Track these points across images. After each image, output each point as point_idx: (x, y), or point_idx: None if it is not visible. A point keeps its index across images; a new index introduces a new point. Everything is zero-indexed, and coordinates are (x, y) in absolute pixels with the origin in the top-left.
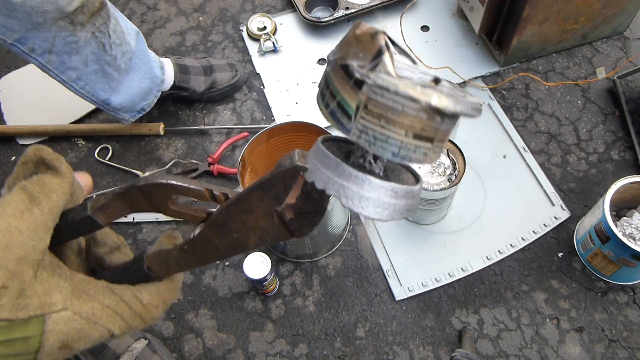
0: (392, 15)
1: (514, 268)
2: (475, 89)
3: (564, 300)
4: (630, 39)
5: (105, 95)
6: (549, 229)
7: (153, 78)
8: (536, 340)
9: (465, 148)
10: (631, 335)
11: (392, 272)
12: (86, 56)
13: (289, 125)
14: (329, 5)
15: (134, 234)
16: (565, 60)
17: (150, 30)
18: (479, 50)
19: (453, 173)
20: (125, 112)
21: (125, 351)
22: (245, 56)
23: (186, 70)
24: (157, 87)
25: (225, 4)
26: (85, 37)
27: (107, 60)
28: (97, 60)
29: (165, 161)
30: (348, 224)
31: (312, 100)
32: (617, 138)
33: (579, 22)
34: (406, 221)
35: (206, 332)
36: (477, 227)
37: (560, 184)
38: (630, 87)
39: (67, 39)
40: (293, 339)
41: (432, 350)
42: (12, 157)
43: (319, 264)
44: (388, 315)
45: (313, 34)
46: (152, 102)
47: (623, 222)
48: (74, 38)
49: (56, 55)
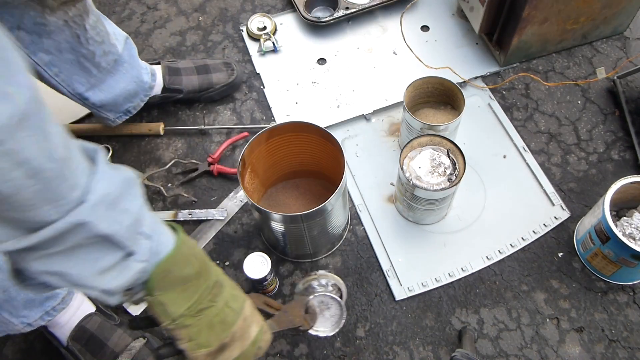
0: (392, 15)
1: (514, 268)
2: (475, 89)
3: (564, 300)
4: (630, 39)
5: (82, 88)
6: (549, 229)
7: (141, 83)
8: (536, 340)
9: (465, 148)
10: (631, 335)
11: (392, 272)
12: (59, 43)
13: (289, 125)
14: (329, 5)
15: None
16: (565, 60)
17: (150, 30)
18: (479, 50)
19: (453, 173)
20: (109, 111)
21: (124, 350)
22: (245, 56)
23: (177, 72)
24: (144, 92)
25: (225, 4)
26: (56, 22)
27: (84, 53)
28: (73, 51)
29: (165, 161)
30: (348, 224)
31: (312, 100)
32: (617, 138)
33: (579, 22)
34: (406, 221)
35: None
36: (477, 227)
37: (560, 184)
38: (630, 87)
39: (36, 19)
40: (293, 339)
41: (432, 350)
42: None
43: (319, 264)
44: (388, 315)
45: (313, 34)
46: (138, 105)
47: (623, 222)
48: (42, 20)
49: (25, 33)
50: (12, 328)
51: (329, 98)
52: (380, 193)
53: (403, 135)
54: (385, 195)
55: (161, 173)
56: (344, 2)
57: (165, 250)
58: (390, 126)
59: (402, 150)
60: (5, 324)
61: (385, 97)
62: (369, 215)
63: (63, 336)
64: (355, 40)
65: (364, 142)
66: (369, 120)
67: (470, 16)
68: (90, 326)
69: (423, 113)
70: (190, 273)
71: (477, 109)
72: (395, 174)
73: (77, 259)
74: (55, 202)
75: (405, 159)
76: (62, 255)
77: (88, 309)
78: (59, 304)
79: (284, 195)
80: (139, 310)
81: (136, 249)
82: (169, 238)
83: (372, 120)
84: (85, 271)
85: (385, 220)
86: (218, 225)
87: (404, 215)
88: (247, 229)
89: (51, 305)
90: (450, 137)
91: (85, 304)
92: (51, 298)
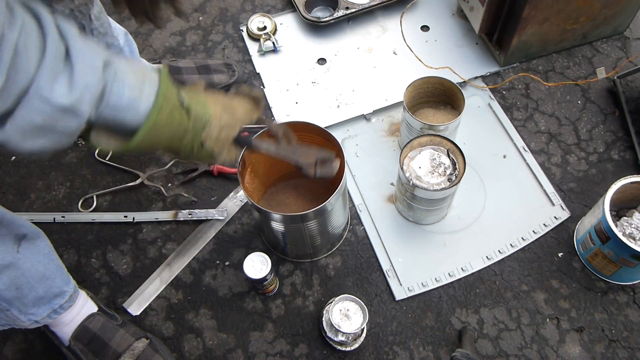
0: (392, 15)
1: (514, 268)
2: (475, 89)
3: (564, 300)
4: (630, 39)
5: None
6: (549, 229)
7: None
8: (536, 340)
9: (465, 148)
10: (631, 335)
11: (392, 272)
12: None
13: (289, 125)
14: (329, 5)
15: (134, 234)
16: (565, 60)
17: (151, 30)
18: (479, 50)
19: (453, 173)
20: None
21: (126, 350)
22: (245, 56)
23: (178, 71)
24: None
25: (225, 4)
26: (63, 11)
27: None
28: None
29: (165, 161)
30: (348, 224)
31: (312, 100)
32: (617, 138)
33: (579, 22)
34: (406, 221)
35: (206, 332)
36: (477, 227)
37: (560, 184)
38: (630, 87)
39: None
40: (293, 339)
41: (432, 350)
42: (12, 158)
43: (319, 264)
44: (388, 315)
45: (313, 34)
46: None
47: (623, 222)
48: (49, 8)
49: None
50: (18, 323)
51: (329, 98)
52: (380, 193)
53: (403, 135)
54: (385, 195)
55: (161, 173)
56: (344, 2)
57: (123, 117)
58: (390, 126)
59: (402, 150)
60: (13, 320)
61: (385, 97)
62: (369, 215)
63: (65, 335)
64: (355, 40)
65: (364, 142)
66: (369, 120)
67: (470, 16)
68: (93, 326)
69: (423, 113)
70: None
71: (477, 109)
72: (395, 174)
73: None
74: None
75: (405, 159)
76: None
77: (91, 309)
78: (66, 301)
79: (284, 195)
80: (139, 311)
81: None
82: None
83: (372, 120)
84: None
85: (385, 220)
86: (218, 225)
87: (404, 215)
88: (247, 229)
89: (59, 303)
90: (450, 137)
91: (88, 304)
92: (59, 295)
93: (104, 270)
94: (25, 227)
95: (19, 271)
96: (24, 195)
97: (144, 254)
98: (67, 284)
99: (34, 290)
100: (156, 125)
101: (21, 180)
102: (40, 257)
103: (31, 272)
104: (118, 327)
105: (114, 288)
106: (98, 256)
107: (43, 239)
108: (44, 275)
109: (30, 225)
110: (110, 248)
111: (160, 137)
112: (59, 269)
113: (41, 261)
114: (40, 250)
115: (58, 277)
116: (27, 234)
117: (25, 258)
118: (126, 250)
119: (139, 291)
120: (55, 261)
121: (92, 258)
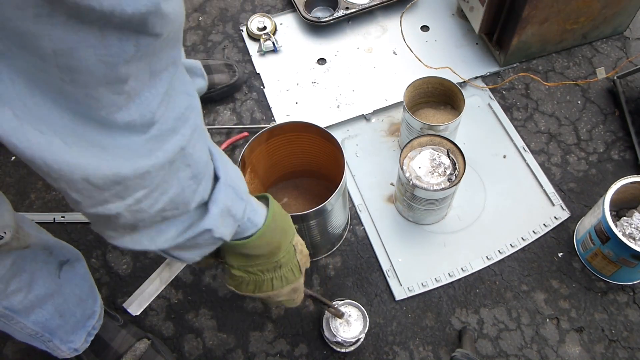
0: (392, 15)
1: (514, 268)
2: (475, 89)
3: (564, 300)
4: (630, 39)
5: None
6: (549, 229)
7: None
8: (536, 340)
9: (465, 148)
10: (631, 335)
11: (392, 272)
12: None
13: (289, 125)
14: (329, 5)
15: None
16: (565, 60)
17: None
18: (479, 50)
19: (453, 173)
20: None
21: (128, 350)
22: (245, 56)
23: None
24: None
25: (225, 4)
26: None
27: None
28: None
29: None
30: (348, 224)
31: (312, 100)
32: (617, 138)
33: (579, 22)
34: (406, 221)
35: (206, 332)
36: (477, 227)
37: (560, 184)
38: (630, 87)
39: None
40: (293, 339)
41: (432, 350)
42: (12, 157)
43: (319, 264)
44: (388, 315)
45: (313, 34)
46: None
47: (623, 222)
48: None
49: None
50: (58, 354)
51: (329, 98)
52: (380, 193)
53: (403, 135)
54: (385, 195)
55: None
56: (344, 2)
57: (245, 233)
58: (390, 126)
59: (402, 150)
60: (53, 350)
61: (385, 97)
62: (368, 215)
63: None
64: (355, 40)
65: (364, 142)
66: (369, 120)
67: (470, 16)
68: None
69: (423, 113)
70: (257, 254)
71: (477, 109)
72: (395, 174)
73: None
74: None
75: (405, 159)
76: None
77: None
78: (97, 321)
79: (284, 195)
80: (139, 311)
81: (224, 231)
82: (256, 222)
83: (372, 120)
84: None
85: (385, 220)
86: None
87: (404, 215)
88: None
89: (91, 325)
90: (450, 137)
91: None
92: (91, 317)
93: (104, 270)
94: (68, 250)
95: (62, 297)
96: (24, 195)
97: (144, 254)
98: (96, 302)
99: (73, 315)
100: (269, 226)
101: (21, 180)
102: (78, 280)
103: (71, 296)
104: (119, 327)
105: (113, 288)
106: (98, 256)
107: (81, 261)
108: (80, 298)
109: (71, 248)
110: (110, 248)
111: (274, 235)
112: (91, 288)
113: (78, 284)
114: (77, 272)
115: (90, 298)
116: (70, 258)
117: (66, 283)
118: (126, 251)
119: (139, 291)
120: (89, 281)
121: (92, 258)
